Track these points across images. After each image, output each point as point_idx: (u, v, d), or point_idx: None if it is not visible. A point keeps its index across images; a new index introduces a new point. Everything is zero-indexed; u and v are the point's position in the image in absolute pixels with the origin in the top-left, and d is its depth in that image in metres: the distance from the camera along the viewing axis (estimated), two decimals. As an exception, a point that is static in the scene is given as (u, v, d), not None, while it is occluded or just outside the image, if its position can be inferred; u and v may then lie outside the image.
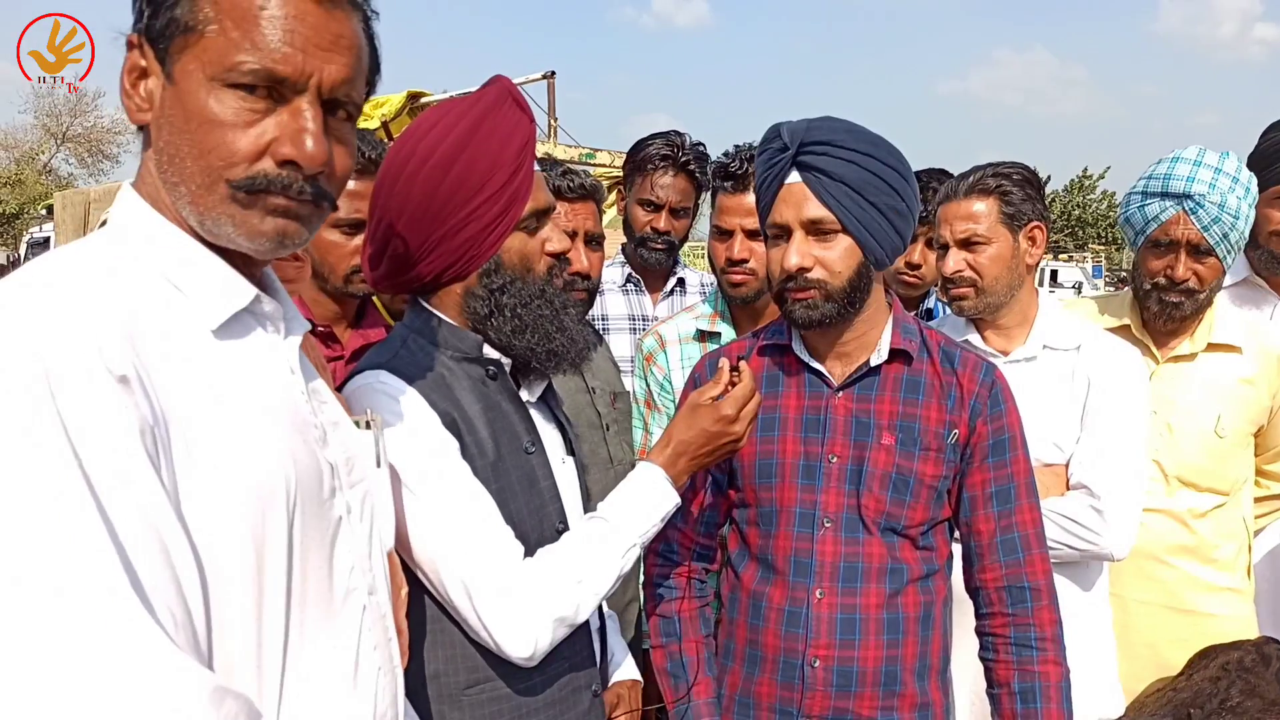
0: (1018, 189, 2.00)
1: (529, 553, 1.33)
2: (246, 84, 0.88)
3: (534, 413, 1.47)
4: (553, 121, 7.54)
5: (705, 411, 1.42)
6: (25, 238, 22.11)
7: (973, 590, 1.61)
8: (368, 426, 1.14)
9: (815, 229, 1.48)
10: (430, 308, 1.41)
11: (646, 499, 1.38)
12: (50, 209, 12.84)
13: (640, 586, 2.00)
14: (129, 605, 0.74)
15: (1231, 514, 2.26)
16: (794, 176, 1.48)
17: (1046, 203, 2.10)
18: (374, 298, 2.00)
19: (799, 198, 1.48)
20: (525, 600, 1.27)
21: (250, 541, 0.88)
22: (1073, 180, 41.56)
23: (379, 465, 1.13)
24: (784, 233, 1.51)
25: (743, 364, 1.46)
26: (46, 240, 15.76)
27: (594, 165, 6.88)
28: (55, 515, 0.73)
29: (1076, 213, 40.49)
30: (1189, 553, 2.19)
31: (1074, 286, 23.92)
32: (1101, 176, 40.98)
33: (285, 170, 0.90)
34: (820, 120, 1.49)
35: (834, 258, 1.48)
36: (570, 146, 7.31)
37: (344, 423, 1.10)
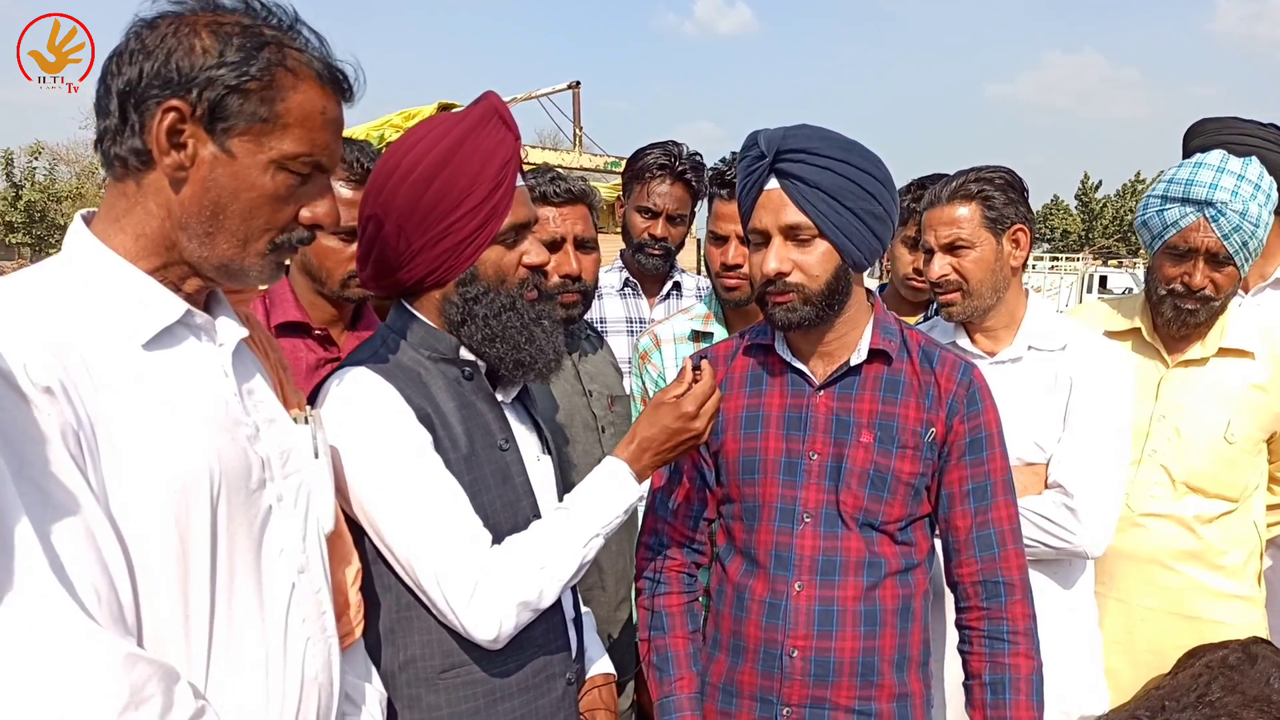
0: (999, 193, 2.01)
1: (500, 542, 1.38)
2: (302, 171, 1.09)
3: (509, 413, 1.53)
4: (578, 131, 7.66)
5: (667, 409, 1.47)
6: (84, 250, 22.82)
7: (951, 584, 1.64)
8: (306, 422, 1.24)
9: (793, 234, 1.51)
10: (412, 309, 1.48)
11: (609, 491, 1.43)
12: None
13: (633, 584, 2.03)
14: (45, 582, 0.86)
15: (1241, 520, 2.22)
16: (772, 183, 1.52)
17: (1030, 206, 2.10)
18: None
19: (777, 204, 1.52)
20: (490, 585, 1.33)
21: (174, 527, 1.00)
22: (1125, 185, 40.71)
23: (316, 456, 1.23)
24: (764, 238, 1.55)
25: (705, 363, 1.51)
26: (103, 252, 16.26)
27: (618, 173, 6.96)
28: None
29: (1129, 218, 39.61)
30: (1195, 558, 2.17)
31: (1124, 293, 23.37)
32: (1155, 181, 40.02)
33: (310, 232, 1.14)
34: (796, 128, 1.53)
35: (812, 262, 1.52)
36: (595, 155, 7.41)
37: (280, 419, 1.20)
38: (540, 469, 1.55)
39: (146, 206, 1.06)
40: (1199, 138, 2.48)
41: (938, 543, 1.68)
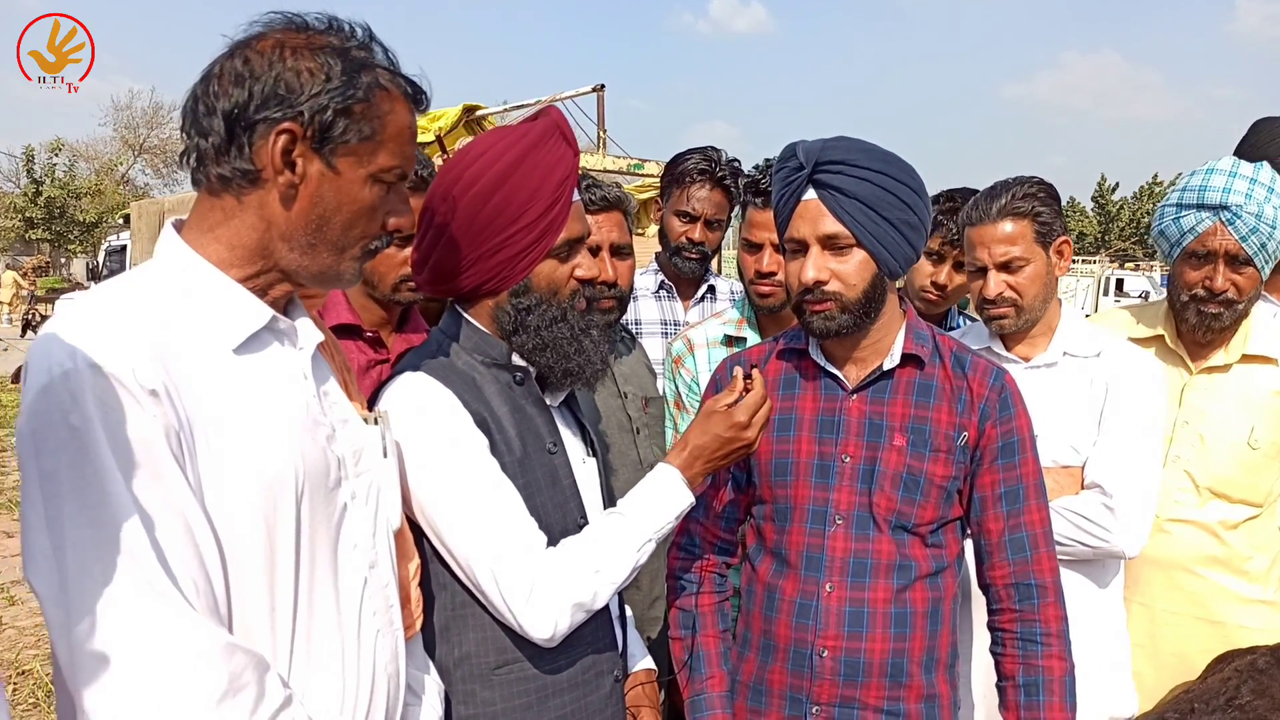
0: (1046, 207, 2.03)
1: (552, 543, 1.43)
2: (392, 182, 1.16)
3: (557, 416, 1.58)
4: (602, 133, 7.74)
5: (719, 418, 1.50)
6: (104, 245, 23.14)
7: (984, 587, 1.67)
8: (376, 422, 1.29)
9: (831, 244, 1.55)
10: (466, 315, 1.53)
11: (663, 498, 1.47)
12: (127, 218, 13.46)
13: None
14: (153, 574, 0.93)
15: (1265, 525, 2.25)
16: (810, 194, 1.55)
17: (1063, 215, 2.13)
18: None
19: (815, 214, 1.55)
20: (546, 586, 1.37)
21: (262, 523, 1.05)
22: (1142, 187, 40.44)
23: (385, 456, 1.29)
24: (801, 247, 1.58)
25: (755, 372, 1.54)
26: (123, 248, 16.52)
27: (642, 175, 7.02)
28: (98, 503, 0.92)
29: (1146, 220, 39.37)
30: (1219, 564, 2.19)
31: (1140, 295, 23.19)
32: (1173, 183, 39.63)
33: (391, 236, 1.21)
34: (835, 140, 1.57)
35: (849, 271, 1.55)
36: (619, 158, 7.47)
37: (353, 420, 1.25)
38: (586, 471, 1.59)
39: (246, 220, 1.11)
40: (1259, 134, 2.51)
41: (967, 545, 1.71)
